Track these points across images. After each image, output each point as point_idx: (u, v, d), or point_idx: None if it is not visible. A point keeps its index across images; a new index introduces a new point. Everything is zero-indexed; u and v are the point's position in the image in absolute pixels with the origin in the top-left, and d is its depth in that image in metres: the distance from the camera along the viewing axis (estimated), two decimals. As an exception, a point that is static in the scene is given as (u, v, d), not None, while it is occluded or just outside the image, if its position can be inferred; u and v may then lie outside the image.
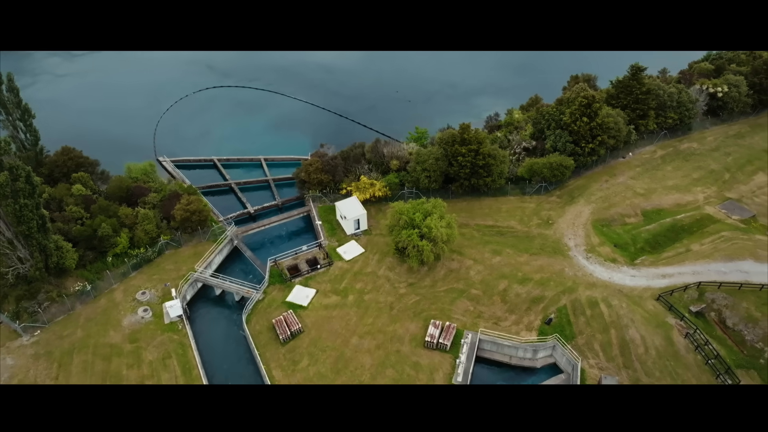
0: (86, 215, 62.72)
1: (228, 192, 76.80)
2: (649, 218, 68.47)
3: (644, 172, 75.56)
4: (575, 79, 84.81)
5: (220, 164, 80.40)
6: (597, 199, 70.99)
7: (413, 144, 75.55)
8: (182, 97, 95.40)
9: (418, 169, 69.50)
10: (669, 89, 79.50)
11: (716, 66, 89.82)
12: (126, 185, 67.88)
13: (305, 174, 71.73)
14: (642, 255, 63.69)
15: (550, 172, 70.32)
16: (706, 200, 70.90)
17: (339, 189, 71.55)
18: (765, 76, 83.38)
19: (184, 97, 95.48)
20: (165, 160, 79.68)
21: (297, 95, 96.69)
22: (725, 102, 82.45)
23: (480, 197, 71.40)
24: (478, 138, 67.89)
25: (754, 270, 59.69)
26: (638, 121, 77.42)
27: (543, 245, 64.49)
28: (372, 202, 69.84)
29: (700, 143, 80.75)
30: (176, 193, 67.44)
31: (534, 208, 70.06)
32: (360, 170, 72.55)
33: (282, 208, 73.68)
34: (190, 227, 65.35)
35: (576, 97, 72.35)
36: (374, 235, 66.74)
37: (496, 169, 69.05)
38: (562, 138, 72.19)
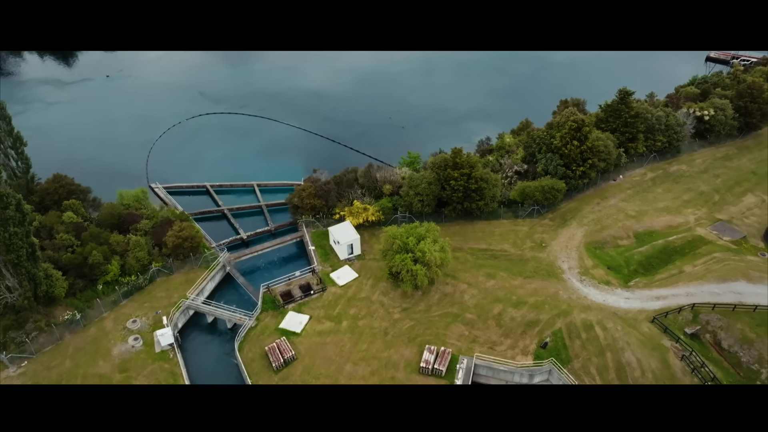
0: (77, 243, 62.12)
1: (221, 218, 76.51)
2: (641, 240, 68.75)
3: (635, 194, 76.18)
4: (564, 104, 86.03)
5: (213, 190, 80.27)
6: (589, 222, 71.31)
7: (406, 168, 75.91)
8: (175, 123, 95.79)
9: (411, 194, 69.68)
10: (657, 113, 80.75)
11: (702, 90, 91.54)
12: (118, 212, 67.47)
13: (298, 199, 71.70)
14: (635, 277, 63.74)
15: (542, 195, 70.71)
16: (697, 222, 71.40)
17: (332, 214, 71.49)
18: (749, 100, 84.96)
19: (177, 124, 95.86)
20: (157, 187, 79.47)
21: (288, 121, 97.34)
22: (712, 125, 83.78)
23: (473, 221, 71.53)
24: (470, 162, 68.34)
25: (747, 291, 59.86)
26: (628, 144, 78.35)
27: (537, 268, 64.44)
28: (365, 226, 69.76)
29: (689, 165, 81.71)
30: (168, 220, 67.08)
31: (527, 231, 70.20)
32: (353, 195, 72.64)
33: (275, 234, 73.39)
34: (182, 254, 64.84)
35: (566, 121, 73.24)
36: (368, 260, 66.48)
37: (488, 193, 69.35)
38: (553, 161, 72.82)
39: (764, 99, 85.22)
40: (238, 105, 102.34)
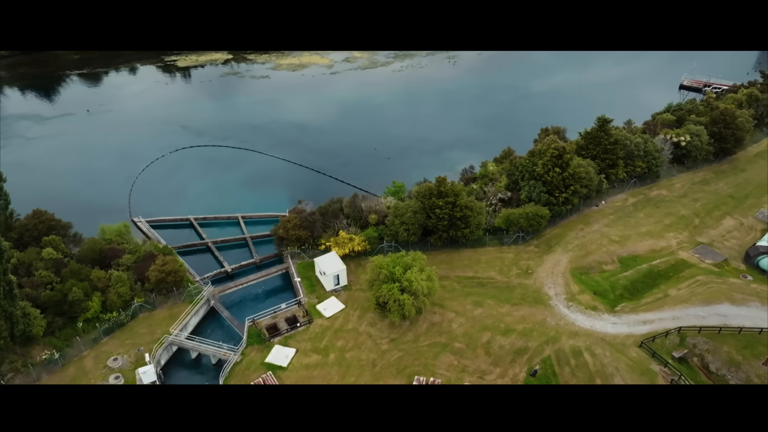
0: (56, 279, 60.76)
1: (205, 251, 75.62)
2: (625, 265, 69.32)
3: (618, 219, 77.14)
4: (545, 132, 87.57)
5: (197, 223, 79.54)
6: (574, 248, 71.83)
7: (391, 198, 76.15)
8: (158, 157, 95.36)
9: (397, 223, 69.74)
10: (635, 139, 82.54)
11: (678, 117, 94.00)
12: (99, 247, 66.36)
13: (283, 230, 71.29)
14: (622, 302, 64.01)
15: (526, 221, 71.24)
16: (679, 245, 72.33)
17: (318, 245, 71.11)
18: (723, 126, 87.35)
19: (161, 157, 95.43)
20: (140, 221, 78.56)
21: (272, 153, 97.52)
22: (689, 150, 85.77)
23: (459, 249, 71.63)
24: (455, 190, 68.81)
25: (731, 313, 60.42)
26: (608, 171, 79.70)
27: (524, 295, 64.43)
28: (351, 256, 69.41)
29: (669, 190, 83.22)
30: (151, 254, 66.10)
31: (513, 258, 70.42)
32: (338, 225, 72.48)
33: (260, 266, 72.64)
34: (165, 288, 63.72)
35: (547, 149, 74.42)
36: (354, 291, 65.93)
37: (473, 221, 69.69)
38: (536, 188, 73.67)
39: (737, 125, 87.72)
40: (220, 137, 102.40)
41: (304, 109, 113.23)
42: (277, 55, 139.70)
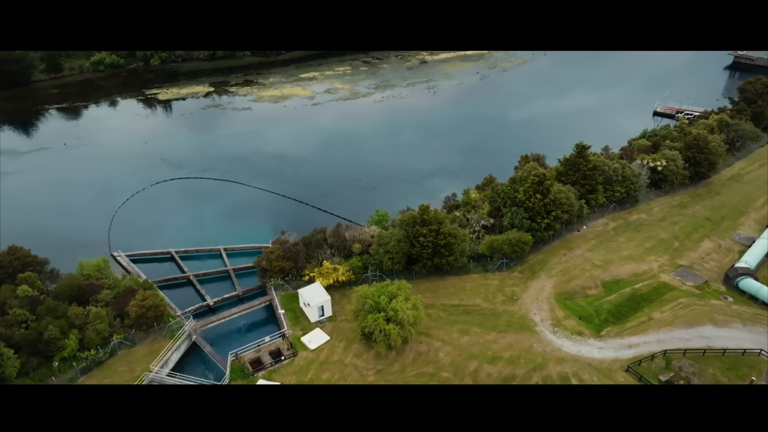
0: (32, 318, 58.99)
1: (186, 284, 74.35)
2: (609, 289, 69.77)
3: (599, 244, 77.94)
4: (525, 159, 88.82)
5: (178, 256, 78.36)
6: (557, 273, 72.19)
7: (374, 227, 76.08)
8: (138, 190, 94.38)
9: (381, 252, 69.53)
10: (613, 165, 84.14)
11: (653, 142, 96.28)
12: (77, 283, 64.80)
13: (266, 262, 70.54)
14: (607, 326, 64.17)
15: (510, 248, 71.58)
16: (660, 268, 73.15)
17: (301, 275, 70.42)
18: (696, 150, 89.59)
19: (141, 191, 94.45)
20: (120, 255, 77.15)
21: (254, 184, 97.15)
22: (665, 175, 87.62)
23: (444, 276, 71.50)
24: (438, 218, 69.06)
25: (714, 335, 60.89)
26: (588, 196, 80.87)
27: (510, 322, 64.26)
28: (336, 287, 68.78)
29: (648, 214, 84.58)
30: (131, 289, 64.73)
31: (498, 285, 70.45)
32: (322, 255, 71.99)
33: (243, 299, 71.53)
34: (145, 324, 62.23)
35: (528, 176, 75.40)
36: (339, 321, 65.13)
37: (457, 248, 69.80)
38: (518, 215, 74.30)
39: (710, 150, 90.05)
40: (200, 169, 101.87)
41: (286, 141, 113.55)
42: (258, 87, 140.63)
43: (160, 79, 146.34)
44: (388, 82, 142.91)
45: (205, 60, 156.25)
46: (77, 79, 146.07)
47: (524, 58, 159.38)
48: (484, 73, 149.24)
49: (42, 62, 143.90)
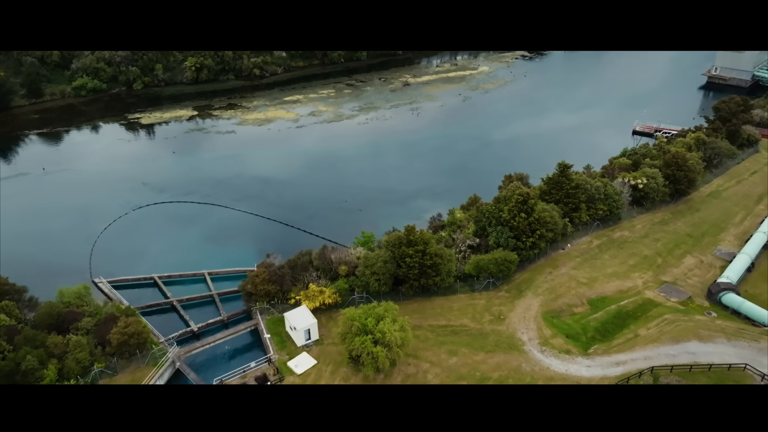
0: (8, 348, 57.37)
1: (170, 310, 73.09)
2: (595, 306, 70.06)
3: (584, 261, 78.48)
4: (509, 178, 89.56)
5: (161, 281, 77.15)
6: (544, 291, 72.39)
7: (360, 248, 75.81)
8: (121, 215, 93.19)
9: (367, 273, 69.19)
10: (595, 183, 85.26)
11: (633, 161, 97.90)
12: (57, 311, 63.35)
13: (251, 286, 69.74)
14: (594, 344, 64.28)
15: (496, 267, 71.72)
16: (645, 285, 73.76)
17: (287, 299, 69.67)
18: (676, 168, 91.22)
19: (123, 215, 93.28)
20: (101, 282, 75.76)
21: (238, 207, 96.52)
22: (646, 192, 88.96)
23: (431, 297, 71.27)
24: (424, 239, 69.09)
25: (700, 350, 61.30)
26: (572, 214, 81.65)
27: (497, 342, 64.05)
28: (322, 310, 68.14)
29: (631, 231, 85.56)
30: (113, 316, 63.41)
31: (485, 305, 70.37)
32: (308, 278, 71.41)
33: (228, 324, 70.46)
34: (127, 352, 60.86)
35: (512, 195, 75.99)
36: (326, 345, 64.35)
37: (444, 268, 69.75)
38: (503, 234, 74.65)
39: (688, 167, 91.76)
40: (182, 193, 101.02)
41: (270, 163, 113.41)
42: (242, 110, 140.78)
43: (143, 103, 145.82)
44: (371, 104, 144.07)
45: (189, 84, 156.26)
46: (58, 104, 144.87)
47: (505, 80, 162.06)
48: (467, 95, 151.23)
49: (22, 87, 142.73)
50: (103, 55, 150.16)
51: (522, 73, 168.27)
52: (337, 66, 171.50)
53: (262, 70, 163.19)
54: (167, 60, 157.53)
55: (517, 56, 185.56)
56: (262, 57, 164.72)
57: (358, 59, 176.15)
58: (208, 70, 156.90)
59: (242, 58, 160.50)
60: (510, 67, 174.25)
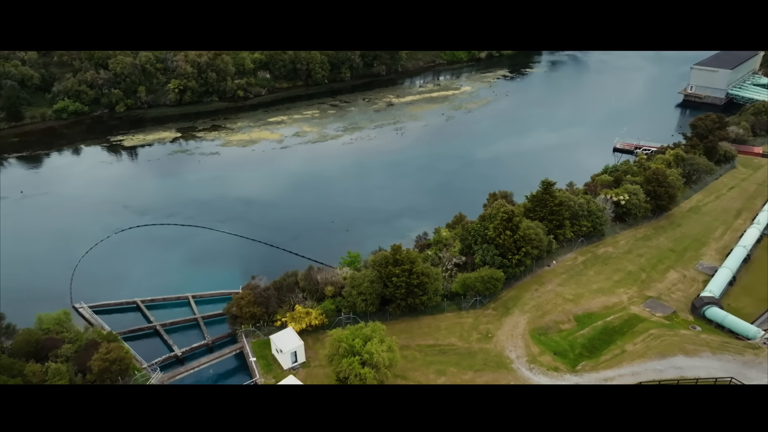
0: (-15, 377, 55.62)
1: (153, 335, 71.70)
2: (581, 323, 70.27)
3: (570, 278, 78.90)
4: (493, 197, 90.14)
5: (144, 306, 75.80)
6: (531, 308, 72.49)
7: (347, 268, 75.43)
8: (103, 238, 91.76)
9: (354, 293, 68.74)
10: (578, 200, 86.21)
11: (615, 177, 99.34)
12: (35, 338, 61.74)
13: (237, 308, 68.82)
14: (582, 360, 64.31)
15: (482, 285, 71.75)
16: (630, 300, 74.28)
17: (273, 321, 68.83)
18: (656, 184, 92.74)
19: (105, 239, 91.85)
20: (82, 307, 74.21)
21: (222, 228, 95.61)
22: (628, 208, 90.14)
23: (418, 316, 70.93)
24: (410, 258, 69.00)
25: (686, 365, 61.62)
26: (556, 231, 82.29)
27: (486, 360, 63.78)
28: (309, 331, 67.36)
29: (615, 247, 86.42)
30: (94, 342, 61.97)
31: (472, 323, 70.20)
32: (294, 299, 70.72)
33: (212, 348, 69.27)
34: (109, 378, 59.34)
35: (497, 213, 76.46)
36: (313, 367, 63.48)
37: (430, 287, 69.60)
38: (489, 252, 74.87)
39: (668, 183, 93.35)
40: (164, 215, 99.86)
41: (254, 184, 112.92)
42: (226, 132, 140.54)
43: (125, 125, 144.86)
44: (356, 125, 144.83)
45: (172, 106, 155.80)
46: (39, 127, 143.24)
47: (487, 99, 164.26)
48: (450, 114, 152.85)
49: (2, 111, 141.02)
50: (85, 78, 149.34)
51: (504, 93, 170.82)
52: (320, 87, 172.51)
53: (246, 91, 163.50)
54: (150, 82, 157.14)
55: (498, 76, 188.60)
56: (246, 79, 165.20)
57: (341, 80, 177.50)
58: (192, 92, 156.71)
59: (226, 80, 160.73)
60: (492, 86, 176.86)
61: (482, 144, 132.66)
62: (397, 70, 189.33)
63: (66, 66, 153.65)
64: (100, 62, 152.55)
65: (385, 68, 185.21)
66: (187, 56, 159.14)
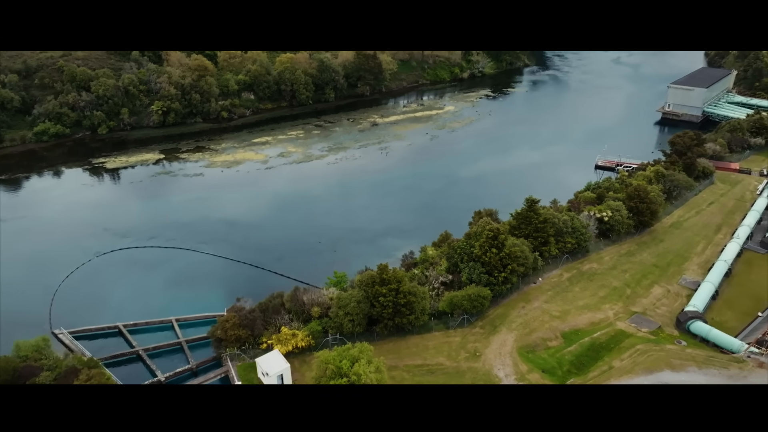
0: (-40, 407, 53.72)
1: (135, 360, 70.11)
2: (569, 340, 70.33)
3: (556, 295, 79.18)
4: (479, 215, 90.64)
5: (126, 330, 74.24)
6: (518, 326, 72.45)
7: (333, 289, 74.89)
8: (84, 262, 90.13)
9: (341, 314, 68.16)
10: (563, 217, 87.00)
11: (597, 194, 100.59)
12: (12, 366, 59.94)
13: (221, 331, 67.75)
14: (570, 377, 64.20)
15: (469, 303, 71.65)
16: (616, 316, 74.66)
17: (259, 344, 67.81)
18: (638, 200, 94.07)
19: (87, 262, 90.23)
20: (62, 333, 72.44)
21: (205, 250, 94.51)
22: (612, 225, 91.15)
23: (406, 336, 70.45)
24: (397, 277, 68.76)
25: (673, 380, 61.76)
26: (541, 248, 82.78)
27: (474, 379, 63.37)
28: (295, 353, 66.46)
29: (599, 263, 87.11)
30: (74, 369, 60.37)
31: (460, 342, 69.88)
32: (280, 321, 69.87)
33: (197, 372, 67.90)
34: (89, 406, 57.68)
35: (482, 231, 76.78)
36: (300, 390, 62.43)
37: (418, 306, 69.30)
38: (475, 270, 74.95)
39: (650, 199, 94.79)
40: (146, 237, 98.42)
41: (239, 205, 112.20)
42: (210, 153, 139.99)
43: (108, 147, 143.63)
44: (340, 145, 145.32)
45: (156, 127, 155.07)
46: (18, 150, 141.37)
47: (471, 119, 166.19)
48: (434, 134, 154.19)
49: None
50: (67, 100, 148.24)
51: (486, 112, 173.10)
52: (305, 107, 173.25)
53: (231, 112, 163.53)
54: (133, 104, 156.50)
55: (481, 95, 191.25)
56: (230, 100, 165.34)
57: (326, 100, 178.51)
58: (176, 114, 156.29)
59: (210, 101, 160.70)
60: (475, 106, 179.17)
61: (466, 163, 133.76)
62: (381, 90, 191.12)
63: (47, 88, 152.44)
64: (82, 84, 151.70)
65: (369, 88, 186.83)
66: (170, 78, 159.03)
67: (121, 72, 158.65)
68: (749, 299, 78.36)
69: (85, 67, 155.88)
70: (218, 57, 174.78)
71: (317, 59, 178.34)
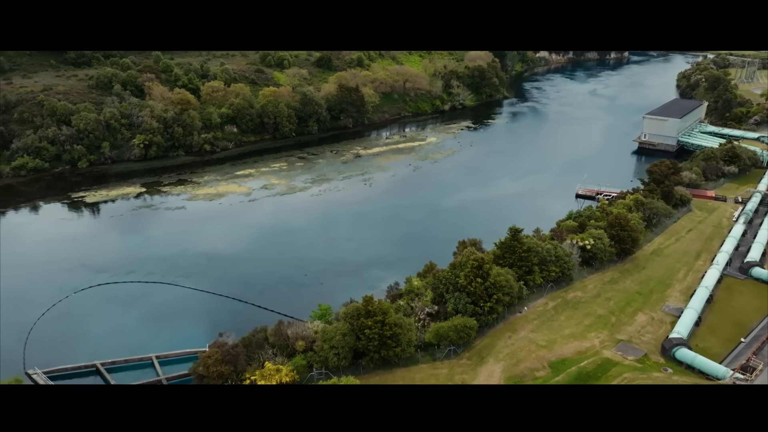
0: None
1: (112, 400, 67.66)
2: (556, 369, 69.85)
3: (541, 324, 79.00)
4: (463, 244, 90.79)
5: (104, 369, 71.94)
6: (505, 356, 71.87)
7: (318, 322, 73.81)
8: (61, 299, 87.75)
9: (326, 348, 67.02)
10: (546, 246, 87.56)
11: (579, 223, 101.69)
12: (-17, 409, 57.41)
13: (203, 368, 66.02)
14: (559, 408, 63.48)
15: (456, 334, 71.05)
16: (602, 345, 74.55)
17: (242, 380, 66.12)
18: (619, 228, 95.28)
19: (64, 299, 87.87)
20: (36, 373, 69.88)
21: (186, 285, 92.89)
22: (594, 253, 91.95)
23: (392, 369, 69.34)
24: (383, 309, 68.11)
25: (662, 408, 61.42)
26: (526, 277, 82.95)
27: (463, 412, 62.26)
28: (279, 389, 64.86)
29: (584, 292, 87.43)
30: (48, 411, 58.01)
31: (447, 374, 68.96)
32: (264, 356, 68.39)
33: (177, 411, 65.71)
34: (63, 450, 55.32)
35: (467, 260, 76.78)
36: (285, 428, 60.72)
37: (404, 338, 68.50)
38: (461, 300, 74.64)
39: (631, 227, 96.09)
40: (123, 272, 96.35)
41: (220, 238, 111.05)
42: (192, 186, 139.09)
43: (88, 181, 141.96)
44: (324, 176, 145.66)
45: (137, 161, 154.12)
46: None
47: (453, 150, 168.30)
48: (417, 165, 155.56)
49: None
50: (47, 134, 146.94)
51: (468, 143, 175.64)
52: (288, 140, 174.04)
53: (213, 145, 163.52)
54: (115, 137, 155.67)
55: (462, 127, 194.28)
56: (213, 133, 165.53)
57: (309, 132, 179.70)
58: (158, 147, 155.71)
59: (192, 134, 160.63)
60: (456, 137, 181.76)
61: (449, 193, 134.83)
62: (363, 122, 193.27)
63: (27, 123, 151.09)
64: (62, 118, 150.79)
65: (352, 121, 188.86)
66: (153, 111, 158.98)
67: (103, 106, 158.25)
68: (731, 325, 79.02)
69: (66, 101, 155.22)
70: (201, 91, 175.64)
71: (300, 92, 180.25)
